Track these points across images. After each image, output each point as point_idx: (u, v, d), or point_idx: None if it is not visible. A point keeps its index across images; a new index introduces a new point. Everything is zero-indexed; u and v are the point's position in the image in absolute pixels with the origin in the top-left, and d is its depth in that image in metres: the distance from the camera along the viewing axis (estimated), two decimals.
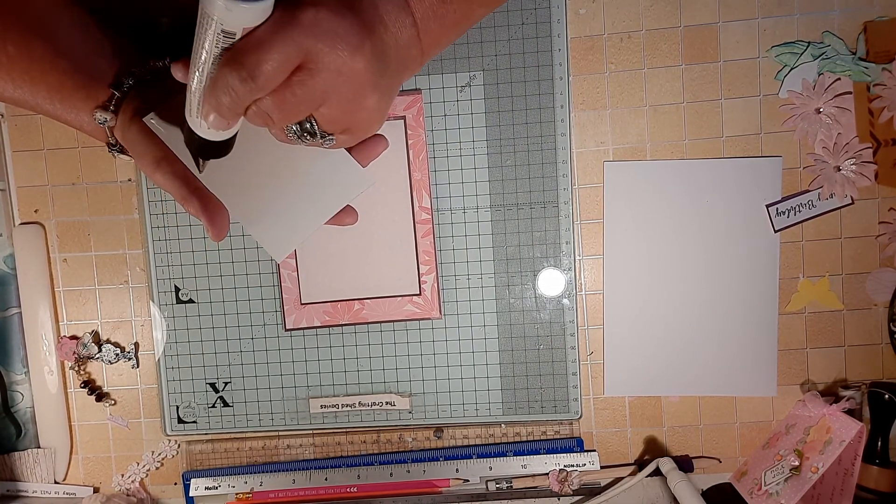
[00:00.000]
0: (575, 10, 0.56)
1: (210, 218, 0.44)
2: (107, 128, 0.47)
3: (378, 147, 0.50)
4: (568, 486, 0.56)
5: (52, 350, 0.60)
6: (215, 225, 0.45)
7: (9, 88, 0.47)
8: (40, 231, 0.60)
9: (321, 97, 0.37)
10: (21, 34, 0.46)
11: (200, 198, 0.44)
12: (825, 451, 0.51)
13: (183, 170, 0.45)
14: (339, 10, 0.36)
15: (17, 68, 0.46)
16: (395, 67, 0.41)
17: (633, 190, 0.57)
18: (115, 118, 0.47)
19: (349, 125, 0.41)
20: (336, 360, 0.59)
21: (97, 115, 0.46)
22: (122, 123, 0.47)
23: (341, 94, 0.38)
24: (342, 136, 0.42)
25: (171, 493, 0.62)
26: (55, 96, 0.47)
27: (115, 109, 0.47)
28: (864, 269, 0.57)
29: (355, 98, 0.38)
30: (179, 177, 0.44)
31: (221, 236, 0.45)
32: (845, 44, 0.55)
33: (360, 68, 0.37)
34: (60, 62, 0.46)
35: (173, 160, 0.44)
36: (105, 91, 0.47)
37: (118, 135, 0.47)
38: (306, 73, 0.36)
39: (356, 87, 0.38)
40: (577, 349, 0.58)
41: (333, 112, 0.39)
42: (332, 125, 0.40)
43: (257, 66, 0.34)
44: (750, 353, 0.57)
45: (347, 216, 0.50)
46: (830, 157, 0.55)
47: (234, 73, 0.35)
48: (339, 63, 0.36)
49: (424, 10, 0.41)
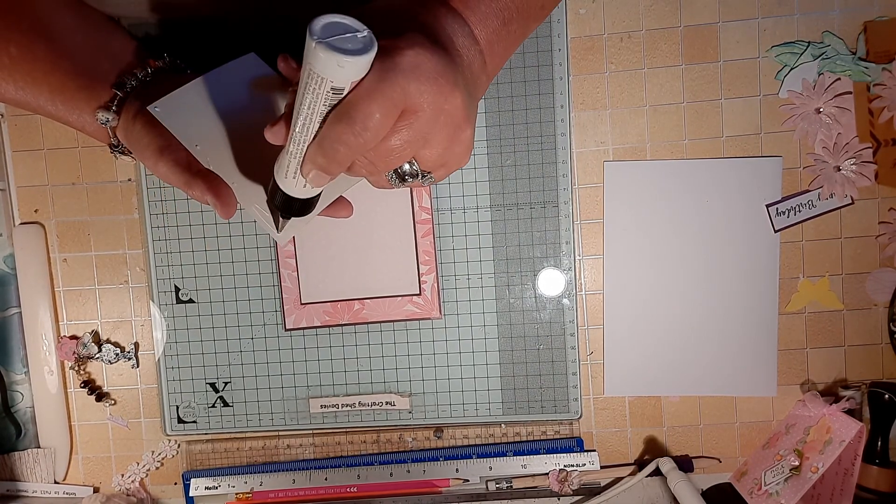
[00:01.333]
0: (575, 10, 0.56)
1: (216, 194, 0.43)
2: (109, 128, 0.47)
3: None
4: (568, 486, 0.56)
5: (52, 350, 0.60)
6: (223, 201, 0.44)
7: (11, 90, 0.47)
8: (40, 231, 0.60)
9: (425, 138, 0.37)
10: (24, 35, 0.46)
11: (204, 179, 0.44)
12: (825, 451, 0.51)
13: (186, 157, 0.44)
14: (433, 49, 0.35)
15: (20, 69, 0.46)
16: (475, 96, 0.41)
17: (633, 190, 0.57)
18: (117, 118, 0.47)
19: (447, 160, 0.40)
20: (336, 360, 0.59)
21: (99, 116, 0.46)
22: (124, 123, 0.47)
23: (444, 132, 0.37)
24: (439, 172, 0.41)
25: (171, 493, 0.62)
26: (57, 97, 0.47)
27: (118, 110, 0.47)
28: (864, 269, 0.57)
29: (455, 133, 0.38)
30: (182, 164, 0.44)
31: (230, 213, 0.44)
32: (845, 44, 0.55)
33: (459, 104, 0.36)
34: (63, 63, 0.47)
35: (176, 148, 0.44)
36: (107, 91, 0.47)
37: (120, 135, 0.47)
38: (412, 116, 0.35)
39: (455, 122, 0.37)
40: (577, 349, 0.58)
41: (435, 150, 0.38)
42: (432, 163, 0.39)
43: (368, 117, 0.34)
44: (750, 353, 0.57)
45: (343, 209, 0.49)
46: (830, 157, 0.55)
47: (346, 128, 0.34)
48: (442, 102, 0.35)
49: (488, 36, 0.41)
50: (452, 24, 0.39)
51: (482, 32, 0.40)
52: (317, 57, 0.32)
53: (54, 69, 0.46)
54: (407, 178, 0.40)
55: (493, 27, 0.41)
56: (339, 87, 0.34)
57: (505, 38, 0.42)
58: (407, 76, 0.34)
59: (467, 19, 0.39)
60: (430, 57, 0.35)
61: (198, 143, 0.44)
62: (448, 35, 0.38)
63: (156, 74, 0.49)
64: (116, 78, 0.47)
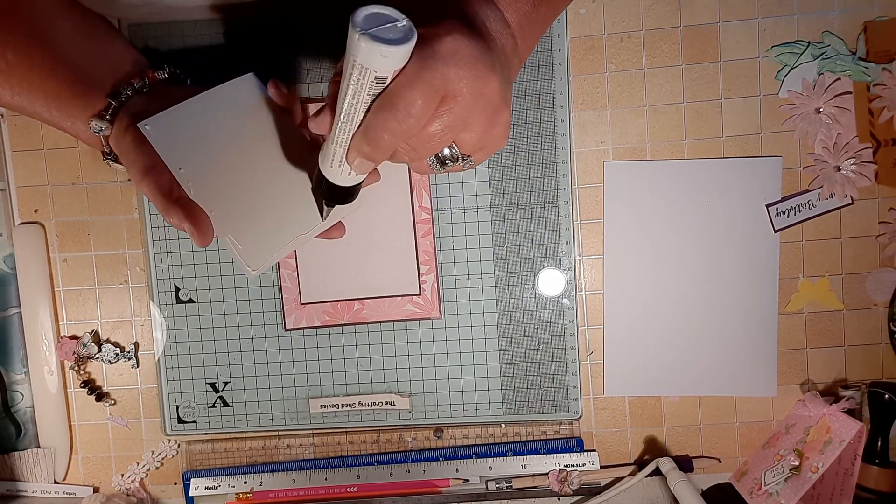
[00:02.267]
0: (575, 10, 0.56)
1: (194, 223, 0.44)
2: (102, 137, 0.47)
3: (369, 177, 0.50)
4: (568, 486, 0.56)
5: (52, 350, 0.60)
6: (199, 230, 0.44)
7: (6, 95, 0.47)
8: (40, 231, 0.60)
9: (465, 122, 0.38)
10: (21, 40, 0.46)
11: (183, 207, 0.44)
12: (825, 451, 0.51)
13: (169, 180, 0.45)
14: (470, 34, 0.36)
15: (16, 75, 0.46)
16: (510, 79, 0.41)
17: (633, 190, 0.57)
18: (110, 127, 0.47)
19: (486, 143, 0.41)
20: (336, 360, 0.59)
21: (93, 124, 0.46)
22: (117, 132, 0.46)
23: (483, 115, 0.38)
24: (478, 155, 0.42)
25: (171, 493, 0.62)
26: (52, 104, 0.47)
27: (112, 119, 0.46)
28: (864, 269, 0.57)
29: (493, 116, 0.39)
30: (164, 188, 0.44)
31: (206, 242, 0.44)
32: (845, 44, 0.55)
33: (497, 87, 0.37)
34: (59, 70, 0.46)
35: (161, 171, 0.44)
36: (102, 100, 0.47)
37: (112, 143, 0.47)
38: (452, 102, 0.36)
39: (494, 105, 0.38)
40: (577, 349, 0.58)
41: (475, 134, 0.39)
42: (472, 146, 0.40)
43: (411, 105, 0.35)
44: (750, 353, 0.57)
45: (335, 230, 0.50)
46: (830, 157, 0.55)
47: (390, 115, 0.35)
48: (480, 86, 0.36)
49: (519, 19, 0.41)
50: (485, 9, 0.39)
51: (513, 16, 0.41)
52: (360, 48, 0.33)
53: (50, 75, 0.46)
54: (447, 161, 0.41)
55: (523, 10, 0.41)
56: (383, 77, 0.35)
57: (535, 20, 0.43)
58: (447, 62, 0.35)
59: (498, 4, 0.40)
60: (468, 43, 0.36)
61: (182, 167, 0.45)
62: (482, 20, 0.39)
63: (153, 85, 0.49)
64: (112, 87, 0.47)
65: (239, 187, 0.47)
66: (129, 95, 0.47)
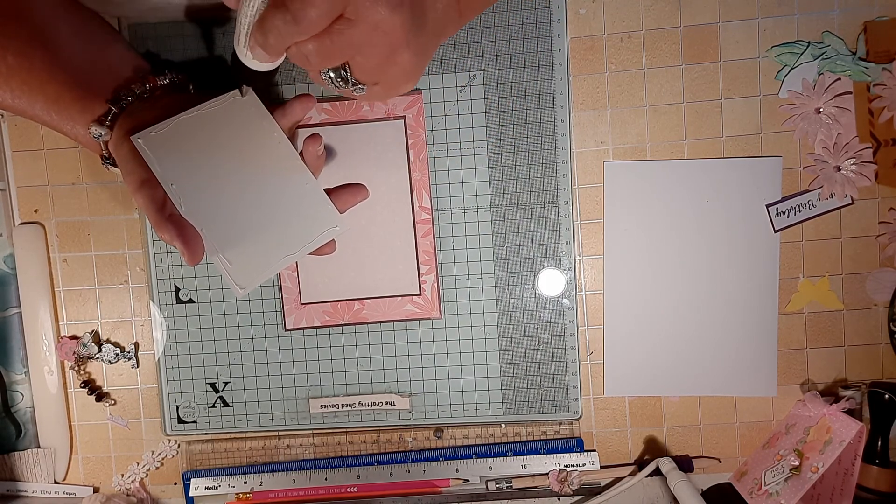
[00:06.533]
0: (575, 10, 0.56)
1: (184, 241, 0.44)
2: (101, 142, 0.47)
3: (357, 196, 0.52)
4: (568, 486, 0.56)
5: (52, 350, 0.60)
6: (190, 249, 0.44)
7: (7, 98, 0.46)
8: (40, 231, 0.60)
9: (357, 47, 0.39)
10: (21, 44, 0.45)
11: (175, 224, 0.44)
12: (825, 451, 0.51)
13: (162, 196, 0.44)
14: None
15: (16, 78, 0.46)
16: (432, 28, 0.42)
17: (633, 190, 0.57)
18: (110, 133, 0.46)
19: (381, 78, 0.42)
20: (336, 360, 0.59)
21: (92, 130, 0.46)
22: (115, 138, 0.46)
23: (376, 46, 0.39)
24: (374, 88, 0.44)
25: (171, 493, 0.62)
26: (52, 107, 0.46)
27: (111, 125, 0.46)
28: (864, 269, 0.57)
29: (390, 53, 0.40)
30: (157, 203, 0.44)
31: (196, 260, 0.44)
32: (845, 44, 0.55)
33: (397, 25, 0.38)
34: (60, 74, 0.46)
35: (156, 185, 0.44)
36: (102, 106, 0.46)
37: (111, 149, 0.47)
38: (346, 22, 0.37)
39: (391, 42, 0.39)
40: (577, 349, 0.58)
41: (368, 63, 0.41)
42: (365, 75, 0.42)
43: (302, 10, 0.36)
44: (750, 353, 0.58)
45: (326, 247, 0.50)
46: (830, 157, 0.55)
47: (279, 14, 0.36)
48: (378, 18, 0.37)
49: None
50: None
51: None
52: None
53: (50, 79, 0.46)
54: (339, 81, 0.42)
55: None
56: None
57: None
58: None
59: None
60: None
61: (174, 183, 0.45)
62: None
63: (155, 91, 0.48)
64: (113, 92, 0.47)
65: (231, 205, 0.46)
66: (130, 101, 0.47)
